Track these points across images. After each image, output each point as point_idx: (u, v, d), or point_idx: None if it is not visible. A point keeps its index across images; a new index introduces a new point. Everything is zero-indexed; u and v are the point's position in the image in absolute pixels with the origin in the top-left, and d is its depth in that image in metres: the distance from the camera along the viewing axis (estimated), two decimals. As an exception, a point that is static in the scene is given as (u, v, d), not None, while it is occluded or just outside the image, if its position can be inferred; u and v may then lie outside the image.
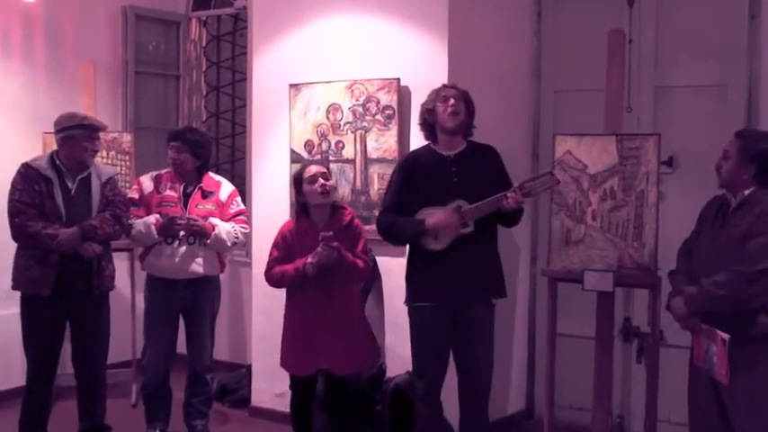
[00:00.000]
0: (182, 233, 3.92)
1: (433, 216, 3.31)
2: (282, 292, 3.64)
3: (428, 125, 3.46)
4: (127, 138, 5.06)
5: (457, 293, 3.35)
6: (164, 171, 4.10)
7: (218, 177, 4.18)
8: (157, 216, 3.93)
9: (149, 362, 4.06)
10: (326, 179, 3.53)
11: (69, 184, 3.74)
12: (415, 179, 3.41)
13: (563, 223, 3.60)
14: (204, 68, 6.04)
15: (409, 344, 3.52)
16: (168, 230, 3.91)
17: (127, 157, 5.01)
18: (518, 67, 4.48)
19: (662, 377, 3.60)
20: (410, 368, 3.83)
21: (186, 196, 4.01)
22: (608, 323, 3.59)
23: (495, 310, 3.48)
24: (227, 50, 5.99)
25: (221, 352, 5.07)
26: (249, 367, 4.83)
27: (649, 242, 3.46)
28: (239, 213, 4.10)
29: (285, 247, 3.54)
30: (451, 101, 3.37)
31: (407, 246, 3.56)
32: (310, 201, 3.53)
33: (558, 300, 3.64)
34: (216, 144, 6.04)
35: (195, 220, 3.91)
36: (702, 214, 3.18)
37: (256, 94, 4.67)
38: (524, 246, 4.51)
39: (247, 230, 4.11)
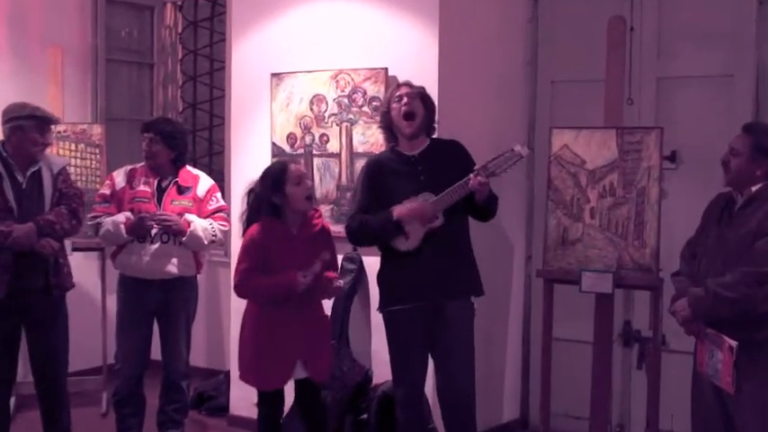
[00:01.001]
0: (155, 230, 3.88)
1: (401, 205, 3.32)
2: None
3: (387, 128, 3.48)
4: (97, 130, 5.00)
5: (431, 293, 3.35)
6: (138, 165, 4.05)
7: (196, 171, 4.13)
8: (127, 214, 3.89)
9: (121, 366, 4.01)
10: (308, 179, 3.48)
11: (20, 178, 3.66)
12: (381, 183, 3.42)
13: (559, 221, 3.59)
14: (180, 56, 5.99)
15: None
16: (138, 230, 3.86)
17: (97, 151, 4.96)
18: (513, 56, 4.47)
19: (664, 384, 3.59)
20: (398, 374, 3.82)
21: (161, 191, 3.96)
22: (607, 327, 3.58)
23: (474, 309, 3.46)
24: (204, 37, 5.95)
25: (198, 357, 5.03)
26: (227, 373, 4.80)
27: (651, 241, 3.45)
28: (218, 210, 4.05)
29: (258, 255, 3.39)
30: (405, 99, 3.38)
31: (379, 249, 3.53)
32: (291, 203, 3.39)
33: (555, 302, 3.62)
34: (193, 137, 5.99)
35: (168, 218, 3.86)
36: (707, 213, 3.17)
37: (235, 84, 4.63)
38: (518, 245, 4.50)
39: (227, 228, 4.06)
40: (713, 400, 3.01)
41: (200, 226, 3.92)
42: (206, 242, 3.95)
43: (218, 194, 4.11)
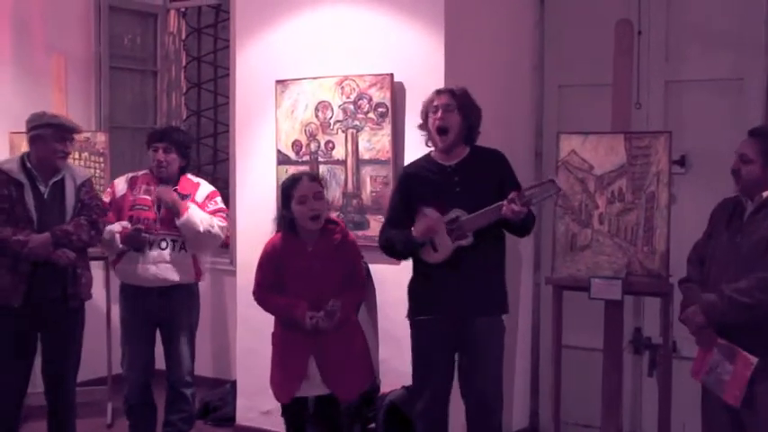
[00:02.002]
0: (154, 237, 3.93)
1: (418, 224, 3.31)
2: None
3: (428, 131, 3.45)
4: (101, 138, 5.05)
5: (456, 308, 3.34)
6: (140, 173, 4.12)
7: (196, 179, 4.20)
8: (124, 224, 3.95)
9: (127, 374, 4.09)
10: (319, 198, 3.42)
11: (42, 188, 3.74)
12: (415, 193, 3.40)
13: (568, 228, 3.61)
14: (184, 63, 6.04)
15: (404, 358, 3.53)
16: (133, 241, 3.92)
17: (101, 159, 5.01)
18: (519, 61, 4.50)
19: (675, 391, 3.60)
20: (405, 383, 3.84)
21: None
22: (617, 334, 3.60)
23: (503, 326, 3.45)
24: (208, 44, 6.00)
25: (204, 367, 5.07)
26: (234, 383, 4.83)
27: (660, 247, 3.47)
28: (217, 211, 4.10)
29: (270, 268, 3.46)
30: (439, 113, 3.35)
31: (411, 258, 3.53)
32: (298, 221, 3.44)
33: (564, 309, 3.64)
34: (197, 144, 6.04)
35: (169, 194, 3.91)
36: (714, 217, 3.18)
37: (240, 91, 4.67)
38: (527, 252, 4.52)
39: (224, 225, 4.10)
40: (724, 409, 3.01)
41: (198, 213, 3.97)
42: (201, 229, 3.95)
43: (219, 199, 4.16)
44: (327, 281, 3.41)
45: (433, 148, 3.48)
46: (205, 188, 4.15)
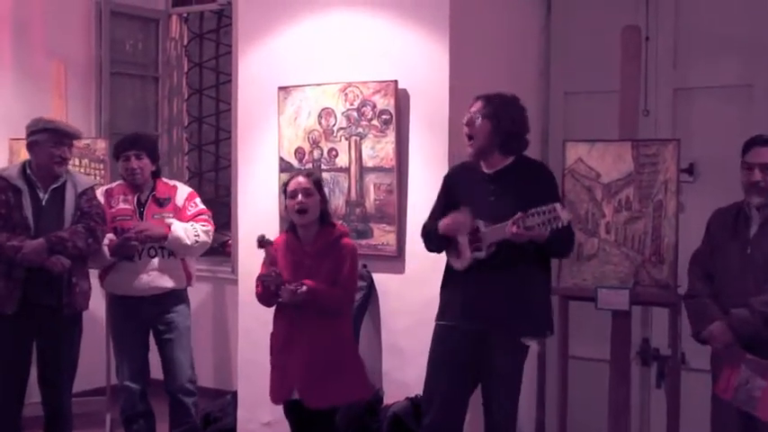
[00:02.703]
0: (140, 247, 3.96)
1: (446, 218, 3.31)
2: (270, 313, 3.65)
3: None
4: (101, 145, 5.07)
5: (472, 318, 3.28)
6: (114, 185, 4.19)
7: (172, 182, 4.27)
8: (110, 236, 3.97)
9: (123, 385, 4.12)
10: (308, 194, 3.46)
11: (41, 195, 3.76)
12: (455, 193, 3.41)
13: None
14: (186, 69, 6.06)
15: (408, 369, 3.53)
16: (123, 250, 3.95)
17: (101, 166, 5.02)
18: (525, 67, 4.50)
19: (684, 404, 3.60)
20: (409, 394, 3.84)
21: (141, 207, 4.06)
22: (624, 345, 3.60)
23: (525, 349, 3.32)
24: (210, 50, 6.02)
25: (205, 378, 5.06)
26: (234, 394, 4.82)
27: (669, 256, 3.47)
28: (198, 214, 4.15)
29: (270, 263, 3.53)
30: (466, 129, 3.31)
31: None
32: (290, 216, 3.54)
33: (570, 319, 3.65)
34: (198, 151, 6.06)
35: (143, 228, 3.95)
36: (712, 228, 3.16)
37: (242, 98, 4.67)
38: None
39: (209, 228, 4.14)
40: (737, 425, 3.00)
41: (181, 227, 4.02)
42: (189, 242, 4.02)
43: (198, 200, 4.22)
44: (315, 277, 3.43)
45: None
46: (183, 190, 4.21)
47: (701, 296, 3.15)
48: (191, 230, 4.04)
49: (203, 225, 4.10)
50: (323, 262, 3.46)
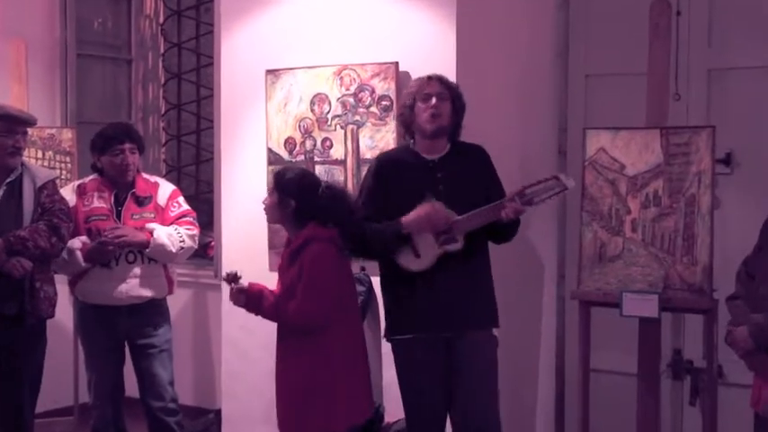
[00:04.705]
0: (118, 251, 3.96)
1: (411, 213, 3.33)
2: (257, 323, 3.65)
3: (406, 124, 3.52)
4: (67, 135, 5.08)
5: (444, 322, 3.37)
6: (88, 179, 4.15)
7: (154, 178, 4.26)
8: (83, 239, 3.96)
9: (95, 403, 4.14)
10: (270, 195, 3.50)
11: None
12: (393, 186, 3.45)
13: (596, 235, 3.62)
14: (162, 51, 6.07)
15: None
16: (98, 256, 3.94)
17: (68, 159, 5.04)
18: (540, 48, 4.50)
19: (721, 423, 3.60)
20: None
21: (119, 206, 4.05)
22: (653, 357, 3.60)
23: (496, 341, 3.50)
24: (189, 29, 6.02)
25: (185, 395, 5.05)
26: (218, 412, 4.84)
27: (702, 258, 3.47)
28: (182, 215, 4.15)
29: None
30: (433, 100, 3.41)
31: (380, 265, 3.56)
32: None
33: (592, 328, 3.65)
34: (177, 142, 6.07)
35: (122, 233, 3.93)
36: (765, 230, 3.17)
37: (226, 82, 4.68)
38: (549, 263, 4.52)
39: (194, 232, 4.15)
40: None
41: (164, 232, 4.01)
42: (173, 249, 4.03)
43: (181, 199, 4.22)
44: (282, 282, 3.47)
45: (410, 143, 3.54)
46: (166, 188, 4.21)
47: (740, 298, 3.17)
48: (175, 236, 4.04)
49: (188, 229, 4.11)
50: (292, 269, 3.44)
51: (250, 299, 3.43)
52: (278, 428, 3.48)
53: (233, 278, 3.43)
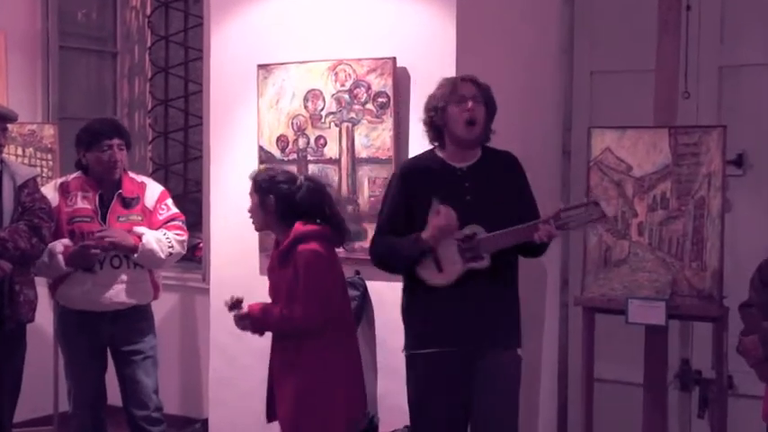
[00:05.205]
0: (102, 255, 3.93)
1: (427, 227, 3.29)
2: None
3: (435, 127, 3.42)
4: (49, 131, 5.07)
5: (466, 339, 3.33)
6: (71, 177, 4.12)
7: (141, 178, 4.24)
8: (65, 242, 3.93)
9: (75, 412, 4.12)
10: (251, 197, 3.53)
11: None
12: (419, 196, 3.37)
13: (601, 239, 3.61)
14: (149, 44, 6.05)
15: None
16: (81, 260, 3.91)
17: (49, 156, 5.02)
18: (544, 43, 4.51)
19: (731, 435, 3.61)
20: (408, 422, 3.83)
21: (104, 207, 4.02)
22: (660, 367, 3.60)
23: (520, 361, 3.47)
24: (178, 21, 6.01)
25: (170, 403, 5.04)
26: (205, 422, 4.83)
27: (712, 263, 3.47)
28: (171, 219, 4.14)
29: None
30: (469, 104, 3.33)
31: (403, 280, 3.53)
32: None
33: (596, 335, 3.64)
34: (164, 140, 6.05)
35: (110, 236, 3.91)
36: None
37: (215, 77, 4.68)
38: (552, 267, 4.51)
39: (183, 238, 4.14)
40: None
41: (154, 237, 4.00)
42: (162, 256, 4.02)
43: (170, 201, 4.21)
44: (278, 291, 3.48)
45: (433, 146, 3.48)
46: (154, 189, 4.19)
47: (755, 306, 3.17)
48: (164, 242, 4.02)
49: (177, 234, 4.09)
50: (284, 273, 3.45)
51: (255, 322, 3.47)
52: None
53: (236, 305, 3.46)
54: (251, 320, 3.45)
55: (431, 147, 3.53)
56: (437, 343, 3.37)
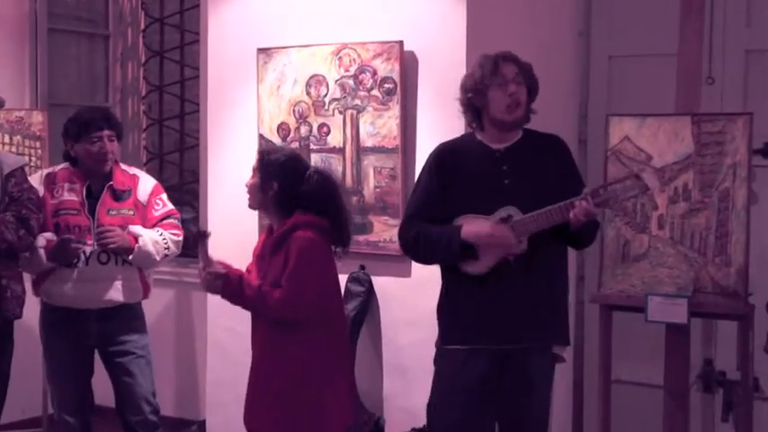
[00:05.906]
0: (89, 249, 3.92)
1: (473, 224, 3.25)
2: (247, 326, 3.65)
3: (474, 109, 3.38)
4: (37, 118, 5.08)
5: (501, 335, 3.29)
6: (58, 168, 4.11)
7: (132, 170, 4.22)
8: (48, 236, 3.91)
9: (60, 416, 4.10)
10: (252, 177, 3.47)
11: None
12: (454, 179, 3.35)
13: (619, 233, 3.61)
14: (143, 26, 6.05)
15: (413, 392, 3.53)
16: (62, 255, 3.89)
17: (38, 144, 5.04)
18: (560, 27, 4.50)
19: (756, 440, 3.61)
20: (416, 424, 3.84)
21: (92, 200, 4.00)
22: (682, 367, 3.60)
23: (555, 363, 3.44)
24: (173, 2, 6.01)
25: (165, 405, 5.05)
26: (202, 424, 4.85)
27: (737, 258, 3.46)
28: (167, 216, 4.13)
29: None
30: (512, 86, 3.30)
31: (441, 269, 3.48)
32: None
33: (614, 334, 3.64)
34: (159, 127, 6.06)
35: (109, 234, 3.90)
36: None
37: (213, 62, 4.69)
38: (568, 262, 4.51)
39: (179, 238, 4.14)
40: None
41: (151, 239, 3.99)
42: (158, 258, 4.03)
43: (164, 196, 4.20)
44: (258, 276, 3.45)
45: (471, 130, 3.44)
46: (147, 182, 4.17)
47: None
48: (161, 244, 4.02)
49: (174, 234, 4.09)
50: (274, 261, 3.42)
51: (228, 285, 3.37)
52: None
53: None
54: (224, 282, 3.36)
55: (437, 135, 3.53)
56: (466, 339, 3.33)
